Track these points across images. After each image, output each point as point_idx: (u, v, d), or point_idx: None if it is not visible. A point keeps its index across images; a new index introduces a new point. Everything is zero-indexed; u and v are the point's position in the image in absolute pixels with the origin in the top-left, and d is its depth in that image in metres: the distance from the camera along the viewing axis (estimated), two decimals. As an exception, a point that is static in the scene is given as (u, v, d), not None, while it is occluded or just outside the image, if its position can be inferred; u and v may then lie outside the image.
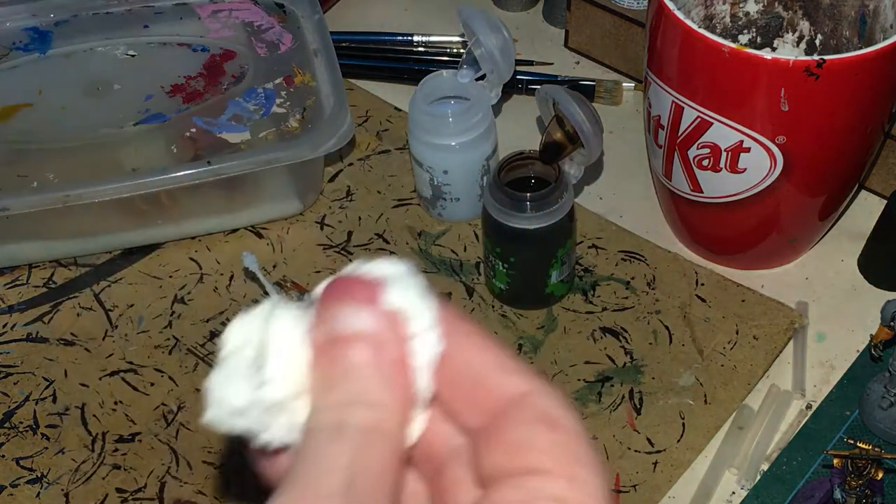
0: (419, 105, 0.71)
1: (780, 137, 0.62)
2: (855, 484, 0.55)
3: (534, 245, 0.66)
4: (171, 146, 0.72)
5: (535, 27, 0.92)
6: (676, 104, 0.64)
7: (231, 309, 0.71)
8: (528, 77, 0.85)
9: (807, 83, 0.58)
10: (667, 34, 0.62)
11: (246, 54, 0.78)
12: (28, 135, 0.73)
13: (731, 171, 0.64)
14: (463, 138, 0.71)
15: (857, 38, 0.69)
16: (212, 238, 0.75)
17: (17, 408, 0.66)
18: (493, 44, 0.68)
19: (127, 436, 0.64)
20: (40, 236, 0.73)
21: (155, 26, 0.79)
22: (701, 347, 0.68)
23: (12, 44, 0.78)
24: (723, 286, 0.71)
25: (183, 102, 0.75)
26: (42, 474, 0.63)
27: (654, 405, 0.65)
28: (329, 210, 0.77)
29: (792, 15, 0.73)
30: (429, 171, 0.72)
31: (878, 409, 0.63)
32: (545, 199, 0.65)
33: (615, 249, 0.74)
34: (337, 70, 0.74)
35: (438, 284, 0.72)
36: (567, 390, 0.66)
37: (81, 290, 0.73)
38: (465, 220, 0.76)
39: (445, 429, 0.30)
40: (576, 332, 0.69)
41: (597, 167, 0.80)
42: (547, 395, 0.28)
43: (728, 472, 0.62)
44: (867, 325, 0.69)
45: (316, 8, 0.79)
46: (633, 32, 0.83)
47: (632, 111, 0.85)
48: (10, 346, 0.69)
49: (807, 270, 0.73)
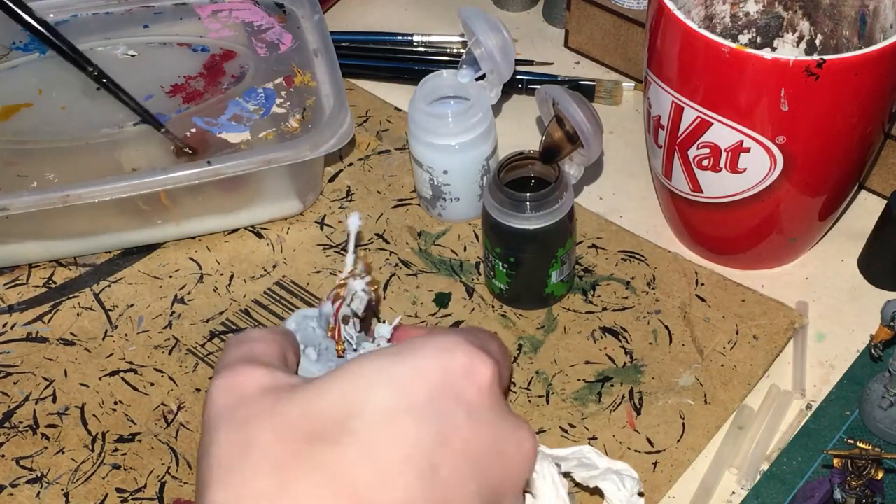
0: (419, 105, 0.71)
1: (780, 137, 0.62)
2: (855, 484, 0.55)
3: (534, 245, 0.66)
4: (171, 146, 0.72)
5: (535, 27, 0.92)
6: (676, 104, 0.64)
7: (231, 309, 0.71)
8: (528, 77, 0.85)
9: (807, 83, 0.58)
10: (667, 34, 0.62)
11: (246, 54, 0.78)
12: (28, 135, 0.73)
13: (731, 171, 0.65)
14: (463, 138, 0.71)
15: (857, 38, 0.69)
16: (212, 238, 0.75)
17: (17, 408, 0.66)
18: (493, 44, 0.68)
19: (127, 436, 0.64)
20: (40, 236, 0.73)
21: (155, 26, 0.79)
22: (701, 347, 0.68)
23: (12, 44, 0.78)
24: (723, 286, 0.71)
25: (183, 102, 0.75)
26: (42, 474, 0.63)
27: (654, 405, 0.65)
28: (329, 210, 0.77)
29: (792, 15, 0.73)
30: (429, 171, 0.72)
31: (878, 409, 0.63)
32: (545, 199, 0.65)
33: (615, 249, 0.74)
34: (337, 70, 0.74)
35: (438, 284, 0.72)
36: (567, 390, 0.66)
37: (81, 290, 0.73)
38: (465, 220, 0.76)
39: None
40: (576, 332, 0.69)
41: (597, 167, 0.80)
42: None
43: (728, 472, 0.62)
44: (867, 325, 0.70)
45: (316, 8, 0.79)
46: (633, 32, 0.83)
47: (632, 111, 0.85)
48: (10, 345, 0.70)
49: (807, 270, 0.73)
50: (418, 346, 0.45)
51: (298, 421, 0.42)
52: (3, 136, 0.73)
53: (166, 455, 0.63)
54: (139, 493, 0.62)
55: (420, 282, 0.72)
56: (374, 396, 0.42)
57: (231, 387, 0.44)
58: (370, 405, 0.42)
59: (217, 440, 0.42)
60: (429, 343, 0.45)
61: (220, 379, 0.45)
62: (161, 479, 0.62)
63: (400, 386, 0.43)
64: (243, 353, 0.47)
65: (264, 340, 0.49)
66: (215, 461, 0.41)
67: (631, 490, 0.53)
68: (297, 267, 0.74)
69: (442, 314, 0.70)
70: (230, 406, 0.43)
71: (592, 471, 0.54)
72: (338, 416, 0.42)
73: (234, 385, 0.44)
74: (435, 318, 0.70)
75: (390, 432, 0.42)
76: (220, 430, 0.43)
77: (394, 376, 0.43)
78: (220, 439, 0.42)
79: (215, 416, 0.43)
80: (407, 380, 0.44)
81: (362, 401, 0.42)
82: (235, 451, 0.42)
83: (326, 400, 0.42)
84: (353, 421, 0.42)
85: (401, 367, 0.44)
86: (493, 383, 0.46)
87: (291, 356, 0.49)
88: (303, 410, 0.42)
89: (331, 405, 0.42)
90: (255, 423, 0.42)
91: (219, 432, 0.43)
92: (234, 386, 0.44)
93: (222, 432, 0.42)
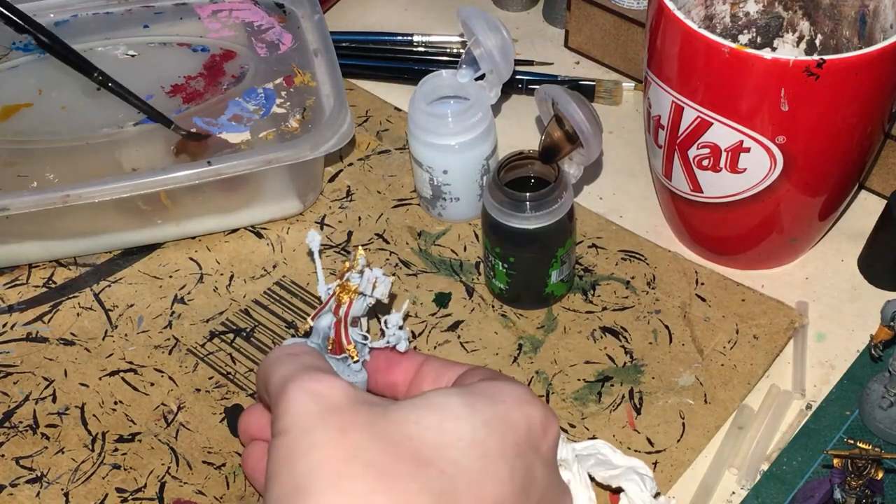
0: (419, 105, 0.71)
1: (780, 137, 0.62)
2: (855, 484, 0.55)
3: (533, 245, 0.66)
4: (170, 146, 0.72)
5: (535, 27, 0.92)
6: (676, 104, 0.64)
7: (231, 309, 0.71)
8: (527, 77, 0.85)
9: (807, 83, 0.58)
10: (667, 34, 0.62)
11: (246, 54, 0.78)
12: (28, 135, 0.73)
13: (731, 171, 0.65)
14: (462, 138, 0.71)
15: (857, 38, 0.69)
16: (212, 238, 0.75)
17: (17, 407, 0.66)
18: (492, 44, 0.68)
19: (127, 436, 0.64)
20: (40, 236, 0.73)
21: (155, 26, 0.79)
22: (701, 347, 0.68)
23: (12, 44, 0.78)
24: (723, 285, 0.71)
25: (183, 102, 0.75)
26: (42, 474, 0.63)
27: (654, 405, 0.65)
28: (329, 210, 0.77)
29: (792, 15, 0.73)
30: (428, 171, 0.72)
31: (878, 409, 0.63)
32: (545, 198, 0.65)
33: (615, 249, 0.74)
34: (337, 70, 0.74)
35: (438, 284, 0.72)
36: (567, 390, 0.66)
37: (81, 290, 0.73)
38: (465, 220, 0.76)
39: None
40: (576, 332, 0.69)
41: (597, 167, 0.80)
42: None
43: (728, 472, 0.62)
44: (867, 325, 0.70)
45: (316, 8, 0.79)
46: (633, 32, 0.83)
47: (632, 111, 0.85)
48: (10, 345, 0.70)
49: (807, 270, 0.73)
50: (497, 391, 0.47)
51: (399, 439, 0.43)
52: (3, 136, 0.73)
53: (166, 455, 0.63)
54: (139, 493, 0.62)
55: (420, 282, 0.72)
56: (469, 433, 0.44)
57: (316, 392, 0.44)
58: (465, 442, 0.44)
59: (315, 444, 0.42)
60: (506, 390, 0.47)
61: (300, 384, 0.44)
62: (161, 479, 0.62)
63: (493, 429, 0.45)
64: (306, 362, 0.47)
65: (311, 354, 0.49)
66: (318, 465, 0.41)
67: (651, 490, 0.54)
68: (297, 267, 0.74)
69: (442, 314, 0.70)
70: (320, 412, 0.43)
71: (612, 470, 0.54)
72: (437, 443, 0.43)
73: (319, 392, 0.44)
74: (435, 318, 0.70)
75: (489, 472, 0.43)
76: (316, 434, 0.42)
77: (487, 419, 0.45)
78: (319, 443, 0.42)
79: (303, 418, 0.43)
80: (498, 425, 0.45)
81: (458, 436, 0.44)
82: (340, 457, 0.41)
83: (424, 427, 0.43)
84: (452, 452, 0.43)
85: (490, 410, 0.45)
86: (557, 441, 0.48)
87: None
88: (401, 431, 0.43)
89: (429, 432, 0.43)
90: (357, 434, 0.42)
91: (314, 435, 0.42)
92: (318, 392, 0.44)
93: (318, 435, 0.42)
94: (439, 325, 0.69)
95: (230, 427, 0.65)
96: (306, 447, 0.42)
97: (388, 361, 0.54)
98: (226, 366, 0.68)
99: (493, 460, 0.44)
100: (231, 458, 0.63)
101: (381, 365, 0.54)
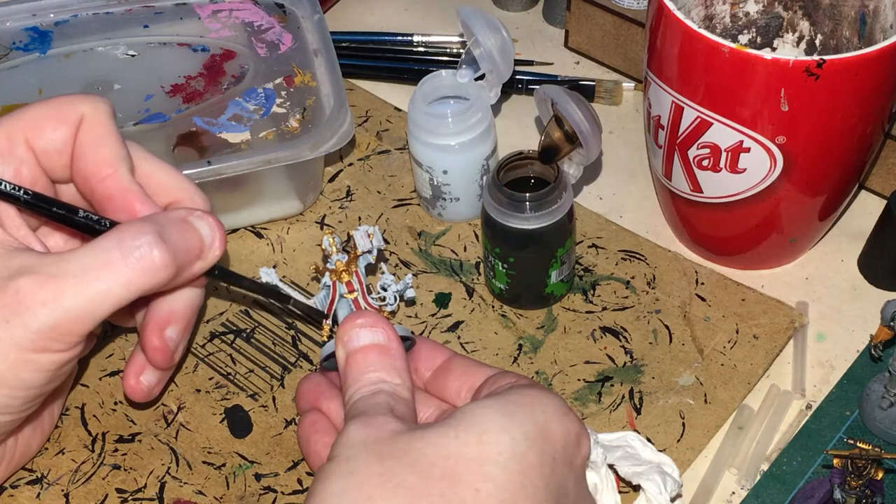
0: (418, 105, 0.71)
1: (780, 137, 0.62)
2: (855, 484, 0.55)
3: (533, 245, 0.66)
4: (170, 146, 0.72)
5: (535, 27, 0.92)
6: (676, 104, 0.64)
7: (231, 309, 0.71)
8: (527, 77, 0.85)
9: (807, 83, 0.58)
10: (667, 34, 0.62)
11: (246, 54, 0.78)
12: (28, 135, 0.73)
13: (731, 171, 0.65)
14: (462, 138, 0.71)
15: (857, 38, 0.69)
16: (212, 238, 0.75)
17: (17, 408, 0.66)
18: (492, 44, 0.68)
19: (127, 436, 0.64)
20: (40, 236, 0.73)
21: (155, 26, 0.79)
22: (701, 347, 0.68)
23: (12, 44, 0.78)
24: (723, 285, 0.71)
25: (183, 102, 0.75)
26: (42, 475, 0.63)
27: (654, 405, 0.65)
28: (329, 210, 0.77)
29: (792, 15, 0.73)
30: (428, 171, 0.72)
31: (877, 409, 0.63)
32: (544, 199, 0.65)
33: (615, 249, 0.74)
34: (337, 70, 0.74)
35: (438, 284, 0.72)
36: (567, 390, 0.66)
37: (81, 291, 0.73)
38: (465, 220, 0.76)
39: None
40: (576, 332, 0.69)
41: (597, 167, 0.80)
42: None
43: (728, 472, 0.63)
44: (867, 325, 0.70)
45: (316, 8, 0.79)
46: (633, 32, 0.83)
47: (632, 111, 0.85)
48: (10, 346, 0.69)
49: (807, 270, 0.73)
50: (535, 402, 0.47)
51: (436, 459, 0.44)
52: (3, 137, 0.73)
53: (166, 455, 0.63)
54: (139, 494, 0.62)
55: (420, 282, 0.72)
56: (510, 446, 0.44)
57: (368, 425, 0.46)
58: (505, 456, 0.44)
59: (354, 469, 0.44)
60: (545, 401, 0.47)
61: (360, 419, 0.47)
62: (161, 479, 0.62)
63: (533, 442, 0.45)
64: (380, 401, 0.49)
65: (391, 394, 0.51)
66: (350, 487, 0.43)
67: (671, 492, 0.54)
68: (297, 267, 0.74)
69: (442, 314, 0.70)
70: (366, 441, 0.45)
71: (637, 466, 0.54)
72: (477, 458, 0.44)
73: (371, 424, 0.46)
74: (435, 318, 0.70)
75: (527, 488, 0.44)
76: (357, 460, 0.44)
77: (528, 431, 0.45)
78: (357, 468, 0.44)
79: (350, 447, 0.45)
80: (538, 437, 0.45)
81: (499, 449, 0.44)
82: (373, 482, 0.43)
83: (464, 441, 0.44)
84: (491, 467, 0.43)
85: (530, 422, 0.46)
86: (589, 455, 0.49)
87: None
88: (438, 452, 0.44)
89: (468, 447, 0.44)
90: (393, 460, 0.44)
91: (355, 462, 0.44)
92: (370, 425, 0.46)
93: (359, 462, 0.44)
94: (439, 326, 0.70)
95: (230, 427, 0.65)
96: (345, 471, 0.44)
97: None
98: (226, 366, 0.68)
99: (530, 475, 0.44)
100: (231, 459, 0.63)
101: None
